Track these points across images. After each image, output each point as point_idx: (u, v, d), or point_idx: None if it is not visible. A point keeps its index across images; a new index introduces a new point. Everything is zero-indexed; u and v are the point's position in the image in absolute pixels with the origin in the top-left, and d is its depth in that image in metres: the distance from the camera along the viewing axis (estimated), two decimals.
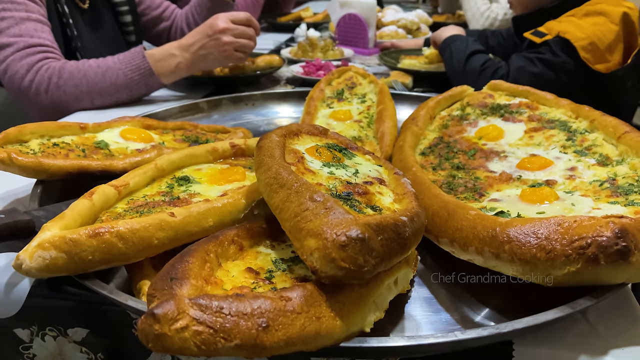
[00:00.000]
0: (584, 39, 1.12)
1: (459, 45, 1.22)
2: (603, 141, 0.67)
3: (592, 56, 1.12)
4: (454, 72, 1.22)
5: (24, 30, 1.05)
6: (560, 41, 1.13)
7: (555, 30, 1.15)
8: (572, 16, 1.18)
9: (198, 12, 1.47)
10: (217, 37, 1.10)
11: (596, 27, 1.14)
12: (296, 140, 0.57)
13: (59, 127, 0.71)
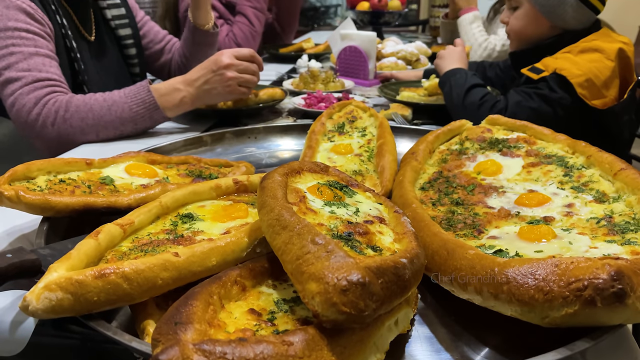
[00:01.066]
0: (581, 76, 1.14)
1: (458, 79, 1.24)
2: (600, 177, 0.68)
3: (588, 92, 1.15)
4: (453, 106, 1.24)
5: (32, 64, 1.08)
6: (557, 77, 1.15)
7: (552, 66, 1.17)
8: (568, 53, 1.21)
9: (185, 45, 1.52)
10: (221, 73, 1.13)
11: (592, 63, 1.16)
12: (298, 179, 0.59)
13: (65, 163, 0.73)
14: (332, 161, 0.90)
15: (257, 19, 2.05)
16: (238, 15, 2.10)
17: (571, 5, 1.24)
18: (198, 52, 1.39)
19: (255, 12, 2.06)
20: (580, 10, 1.25)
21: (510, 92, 1.19)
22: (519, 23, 1.33)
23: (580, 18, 1.26)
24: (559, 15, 1.26)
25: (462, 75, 1.25)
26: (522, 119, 1.09)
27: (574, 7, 1.24)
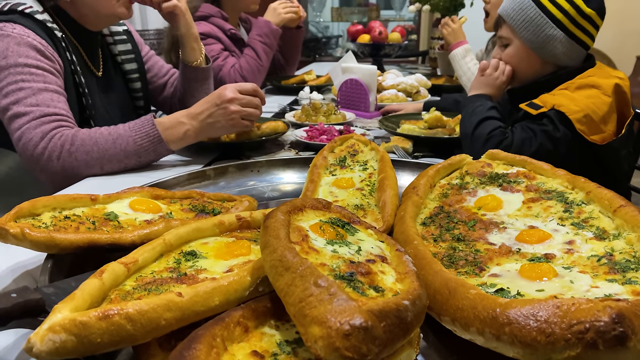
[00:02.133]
0: (579, 112, 1.16)
1: (476, 108, 1.26)
2: (599, 214, 0.69)
3: (587, 128, 1.16)
4: (464, 133, 1.25)
5: (41, 100, 1.10)
6: (557, 114, 1.17)
7: (550, 102, 1.19)
8: (565, 89, 1.22)
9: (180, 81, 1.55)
10: (224, 107, 1.15)
11: (589, 99, 1.18)
12: (300, 216, 0.59)
13: (70, 199, 0.74)
14: (334, 195, 0.91)
15: (265, 55, 2.10)
16: (247, 48, 2.15)
17: (560, 41, 1.26)
18: (191, 87, 1.41)
19: (264, 47, 2.11)
20: (569, 46, 1.27)
21: (517, 128, 1.20)
22: (512, 60, 1.35)
23: (571, 54, 1.28)
24: (549, 52, 1.28)
25: (482, 105, 1.26)
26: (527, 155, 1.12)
27: (563, 43, 1.26)
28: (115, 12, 1.29)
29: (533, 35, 1.28)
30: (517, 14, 1.29)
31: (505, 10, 1.33)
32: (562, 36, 1.26)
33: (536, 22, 1.27)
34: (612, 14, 1.85)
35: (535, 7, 1.27)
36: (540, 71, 1.33)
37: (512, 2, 1.31)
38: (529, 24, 1.28)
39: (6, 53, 1.10)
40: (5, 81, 1.10)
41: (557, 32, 1.26)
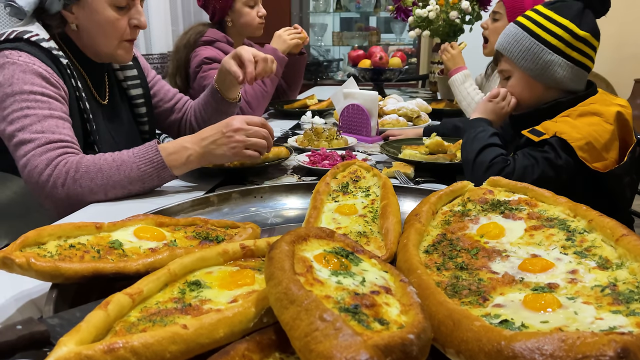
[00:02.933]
0: (581, 139, 1.17)
1: (479, 133, 1.27)
2: (602, 242, 0.69)
3: (589, 155, 1.17)
4: (466, 158, 1.26)
5: (46, 127, 1.11)
6: (559, 141, 1.18)
7: (552, 129, 1.20)
8: (567, 117, 1.24)
9: (205, 109, 1.56)
10: (230, 135, 1.17)
11: (591, 127, 1.19)
12: (304, 246, 0.60)
13: (75, 227, 0.74)
14: (337, 222, 0.91)
15: (270, 81, 2.13)
16: None
17: (559, 65, 1.29)
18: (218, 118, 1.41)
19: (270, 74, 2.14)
20: (570, 69, 1.29)
21: (518, 155, 1.21)
22: (514, 91, 1.37)
23: (572, 77, 1.31)
24: (550, 77, 1.31)
25: (485, 131, 1.28)
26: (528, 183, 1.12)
27: (562, 67, 1.29)
28: (114, 54, 1.32)
29: (532, 63, 1.31)
30: (513, 46, 1.33)
31: (502, 45, 1.37)
32: (561, 60, 1.28)
33: (533, 51, 1.30)
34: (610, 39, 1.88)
35: (530, 37, 1.30)
36: (544, 97, 1.35)
37: (507, 36, 1.35)
38: (526, 53, 1.31)
39: (12, 80, 1.12)
40: (10, 108, 1.11)
41: (555, 56, 1.28)
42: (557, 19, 1.28)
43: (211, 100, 1.55)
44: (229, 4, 2.23)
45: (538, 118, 1.29)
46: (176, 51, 2.29)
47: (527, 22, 1.32)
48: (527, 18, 1.33)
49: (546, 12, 1.31)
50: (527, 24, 1.32)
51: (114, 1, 1.24)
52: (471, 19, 2.71)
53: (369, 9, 5.02)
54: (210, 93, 1.55)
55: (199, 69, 2.18)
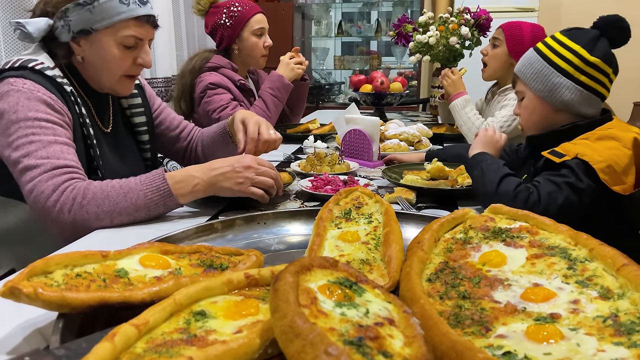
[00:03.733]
0: (602, 162, 1.18)
1: (490, 165, 1.28)
2: (603, 272, 0.70)
3: (610, 178, 1.18)
4: (485, 192, 1.25)
5: (51, 152, 1.13)
6: (581, 163, 1.19)
7: (573, 151, 1.21)
8: (585, 139, 1.26)
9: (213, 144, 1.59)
10: (239, 170, 1.20)
11: (611, 150, 1.21)
12: (308, 276, 0.61)
13: (82, 256, 0.75)
14: (340, 249, 0.92)
15: (274, 107, 2.16)
16: (258, 99, 2.21)
17: (567, 87, 1.32)
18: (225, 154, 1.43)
19: (275, 100, 2.17)
20: (579, 93, 1.33)
21: (541, 182, 1.21)
22: (526, 112, 1.43)
23: (582, 101, 1.34)
24: (557, 99, 1.35)
25: (494, 162, 1.30)
26: (553, 210, 1.11)
27: (570, 90, 1.32)
28: (115, 87, 1.35)
29: (541, 84, 1.36)
30: (527, 69, 1.40)
31: (519, 68, 1.44)
32: (569, 83, 1.33)
33: (543, 73, 1.36)
34: None
35: (542, 60, 1.37)
36: (555, 119, 1.38)
37: (524, 60, 1.43)
38: (537, 75, 1.37)
39: (17, 107, 1.14)
40: (15, 135, 1.13)
41: (563, 79, 1.33)
42: (569, 44, 1.34)
43: (220, 137, 1.58)
44: (236, 32, 2.28)
45: (555, 140, 1.31)
46: (181, 76, 2.33)
47: (542, 47, 1.39)
48: (543, 44, 1.40)
49: (561, 38, 1.38)
50: (542, 48, 1.39)
51: (122, 40, 1.27)
52: (471, 44, 2.76)
53: (370, 33, 5.10)
54: (221, 132, 1.58)
55: (204, 94, 2.22)
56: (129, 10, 1.25)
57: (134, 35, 1.28)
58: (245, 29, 2.28)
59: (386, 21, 5.07)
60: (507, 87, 2.23)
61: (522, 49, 2.15)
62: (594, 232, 0.78)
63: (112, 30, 1.25)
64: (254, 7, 2.31)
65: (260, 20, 2.31)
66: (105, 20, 1.24)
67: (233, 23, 2.26)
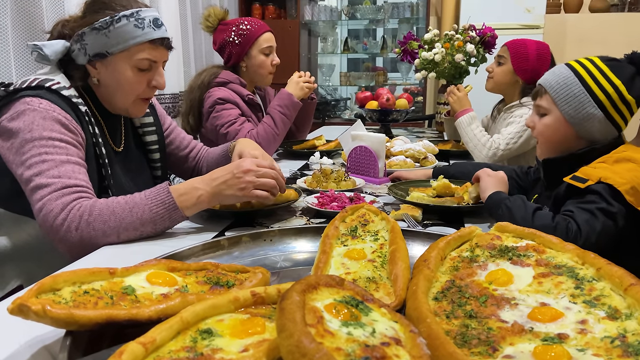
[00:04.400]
0: (625, 184, 1.18)
1: (514, 202, 1.25)
2: (611, 291, 0.69)
3: (635, 199, 1.18)
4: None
5: (63, 172, 1.14)
6: (606, 187, 1.18)
7: (595, 175, 1.20)
8: (603, 162, 1.25)
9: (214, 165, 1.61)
10: (239, 176, 1.20)
11: (631, 172, 1.21)
12: (315, 295, 0.61)
13: (90, 273, 0.76)
14: (346, 267, 0.92)
15: (282, 124, 2.18)
16: (266, 116, 2.23)
17: (598, 120, 1.31)
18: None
19: (283, 118, 2.20)
20: (605, 126, 1.31)
21: (573, 211, 1.20)
22: (548, 130, 1.38)
23: (605, 133, 1.33)
24: (587, 129, 1.33)
25: (516, 198, 1.27)
26: (594, 238, 1.11)
27: (600, 122, 1.31)
28: (129, 109, 1.38)
29: (574, 110, 1.32)
30: (561, 88, 1.34)
31: (549, 83, 1.37)
32: (601, 116, 1.30)
33: (579, 99, 1.31)
34: None
35: (580, 85, 1.32)
36: (574, 144, 1.36)
37: (556, 76, 1.36)
38: (571, 99, 1.32)
39: (32, 127, 1.16)
40: (29, 153, 1.15)
41: (597, 111, 1.30)
42: (611, 77, 1.30)
43: (223, 160, 1.60)
44: (244, 50, 2.30)
45: (572, 164, 1.30)
46: (190, 91, 2.36)
47: (581, 70, 1.33)
48: (581, 66, 1.34)
49: (602, 66, 1.32)
50: (581, 71, 1.33)
51: (136, 63, 1.29)
52: (476, 61, 2.77)
53: (375, 50, 5.14)
54: (224, 155, 1.61)
55: (212, 109, 2.24)
56: (144, 34, 1.27)
57: (149, 58, 1.30)
58: (253, 47, 2.31)
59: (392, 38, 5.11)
60: (513, 104, 2.23)
61: (528, 66, 2.17)
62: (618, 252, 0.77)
63: (128, 54, 1.28)
64: (263, 26, 2.34)
65: (268, 39, 2.34)
66: (121, 44, 1.26)
67: (242, 41, 2.29)
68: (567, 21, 4.52)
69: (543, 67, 2.14)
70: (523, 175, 1.58)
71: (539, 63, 2.15)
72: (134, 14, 1.26)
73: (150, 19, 1.29)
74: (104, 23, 1.24)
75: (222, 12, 2.37)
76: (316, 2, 5.18)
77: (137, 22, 1.26)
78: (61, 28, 1.29)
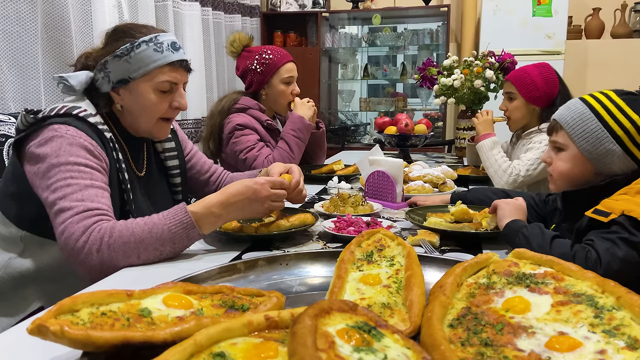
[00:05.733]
0: None
1: (531, 231, 1.24)
2: (631, 321, 0.68)
3: None
4: None
5: (86, 195, 1.17)
6: (629, 220, 1.15)
7: (618, 208, 1.18)
8: (624, 194, 1.22)
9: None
10: (256, 203, 1.25)
11: None
12: (327, 319, 0.61)
13: (108, 295, 0.77)
14: (361, 292, 0.92)
15: (297, 148, 2.21)
16: (281, 141, 2.26)
17: (618, 156, 1.28)
18: None
19: (297, 141, 2.22)
20: (625, 161, 1.29)
21: (594, 240, 1.17)
22: (565, 165, 1.36)
23: (624, 168, 1.30)
24: (606, 164, 1.30)
25: (534, 227, 1.25)
26: (616, 266, 1.09)
27: (620, 158, 1.28)
28: (152, 131, 1.43)
29: (592, 147, 1.30)
30: (577, 124, 1.32)
31: (564, 118, 1.35)
32: (620, 151, 1.27)
33: (596, 135, 1.29)
34: None
35: (596, 120, 1.29)
36: (592, 179, 1.34)
37: (571, 112, 1.34)
38: (589, 135, 1.30)
39: (59, 152, 1.20)
40: (55, 178, 1.18)
41: (616, 147, 1.27)
42: (628, 111, 1.28)
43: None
44: (266, 79, 2.35)
45: (592, 195, 1.27)
46: (211, 117, 2.41)
47: (597, 105, 1.30)
48: (597, 100, 1.31)
49: (618, 100, 1.29)
50: (596, 106, 1.30)
51: (158, 86, 1.35)
52: (495, 87, 2.77)
53: (395, 76, 5.18)
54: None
55: (232, 134, 2.28)
56: (164, 57, 1.33)
57: (169, 80, 1.35)
58: (274, 77, 2.35)
59: (411, 64, 5.15)
60: (532, 130, 2.22)
61: (539, 93, 2.15)
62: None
63: (149, 77, 1.33)
64: (286, 56, 2.39)
65: (290, 69, 2.38)
66: (142, 68, 1.31)
67: (264, 70, 2.34)
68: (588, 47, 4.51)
69: (553, 88, 2.12)
70: (541, 203, 1.56)
71: (549, 85, 2.13)
72: (153, 39, 1.32)
73: (168, 42, 1.34)
74: (124, 50, 1.30)
75: (247, 38, 2.43)
76: (337, 29, 5.27)
77: (156, 46, 1.32)
78: (85, 60, 1.36)
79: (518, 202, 1.38)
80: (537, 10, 4.20)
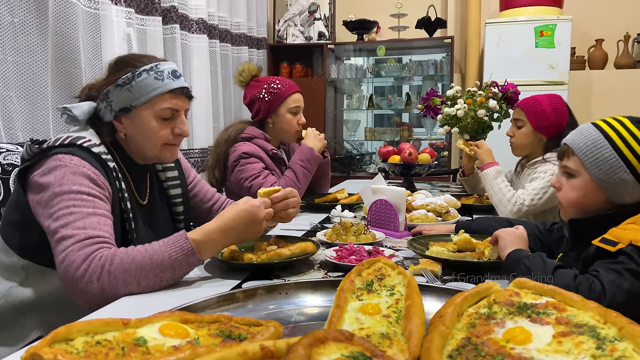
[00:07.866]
0: None
1: (533, 261, 1.22)
2: (633, 352, 0.66)
3: None
4: None
5: (88, 223, 1.18)
6: (638, 250, 1.13)
7: (626, 238, 1.16)
8: (633, 223, 1.20)
9: None
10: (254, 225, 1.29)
11: None
12: (322, 349, 0.60)
13: (103, 323, 0.77)
14: (360, 322, 0.91)
15: (304, 178, 2.23)
16: (288, 170, 2.28)
17: (631, 185, 1.25)
18: None
19: (305, 172, 2.24)
20: (637, 189, 1.26)
21: (599, 271, 1.15)
22: (576, 193, 1.32)
23: (636, 197, 1.27)
24: (619, 194, 1.27)
25: (535, 257, 1.23)
26: (621, 298, 1.07)
27: (633, 187, 1.25)
28: (159, 155, 1.45)
29: (605, 175, 1.26)
30: (590, 151, 1.28)
31: (577, 144, 1.31)
32: (633, 181, 1.24)
33: (610, 164, 1.25)
34: None
35: (611, 149, 1.25)
36: (602, 207, 1.31)
37: (584, 138, 1.30)
38: (602, 163, 1.26)
39: (62, 181, 1.22)
40: (57, 206, 1.19)
41: (630, 176, 1.24)
42: None
43: None
44: (273, 107, 2.39)
45: (600, 224, 1.24)
46: (217, 145, 2.44)
47: (611, 132, 1.27)
48: (610, 127, 1.28)
49: (632, 128, 1.26)
50: (611, 133, 1.27)
51: (159, 113, 1.38)
52: (499, 116, 2.79)
53: (400, 106, 5.23)
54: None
55: (237, 162, 2.30)
56: (164, 84, 1.36)
57: (170, 107, 1.38)
58: (282, 106, 2.39)
59: (416, 94, 5.20)
60: (536, 160, 2.22)
61: (548, 123, 2.16)
62: None
63: (150, 105, 1.36)
64: (293, 86, 2.43)
65: (297, 100, 2.42)
66: (143, 96, 1.34)
67: (271, 99, 2.38)
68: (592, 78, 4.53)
69: (562, 119, 2.13)
70: (546, 232, 1.54)
71: (558, 117, 2.15)
72: (153, 68, 1.36)
73: (168, 70, 1.38)
74: (126, 79, 1.33)
75: (256, 68, 2.48)
76: (342, 61, 5.35)
77: (156, 74, 1.35)
78: (88, 91, 1.40)
79: (519, 232, 1.36)
80: (540, 41, 4.25)
